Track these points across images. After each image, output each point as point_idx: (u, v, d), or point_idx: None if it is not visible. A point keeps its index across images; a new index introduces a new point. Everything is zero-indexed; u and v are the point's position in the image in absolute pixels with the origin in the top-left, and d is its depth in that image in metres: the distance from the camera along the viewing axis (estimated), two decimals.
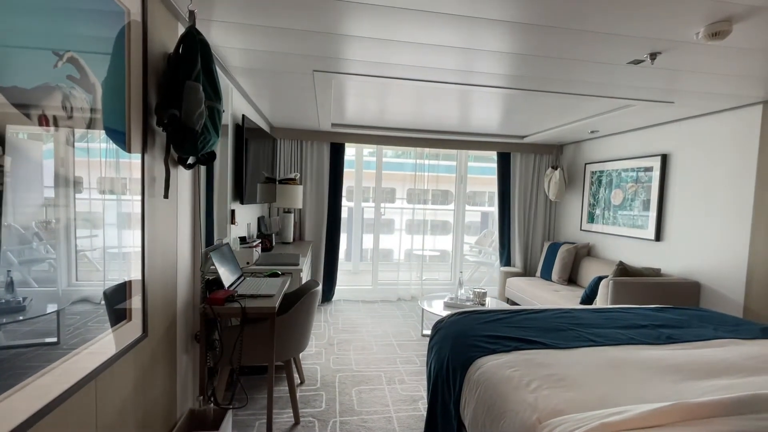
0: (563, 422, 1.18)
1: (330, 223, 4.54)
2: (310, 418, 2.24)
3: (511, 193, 4.79)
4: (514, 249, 4.84)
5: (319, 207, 4.51)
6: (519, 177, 4.79)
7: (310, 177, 4.47)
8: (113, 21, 1.19)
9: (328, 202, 4.52)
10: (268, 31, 1.86)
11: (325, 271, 4.56)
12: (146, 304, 1.45)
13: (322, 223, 4.51)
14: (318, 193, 4.50)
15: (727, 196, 2.92)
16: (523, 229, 4.85)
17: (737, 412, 1.19)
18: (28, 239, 0.88)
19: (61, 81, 0.94)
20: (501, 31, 1.76)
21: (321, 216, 4.51)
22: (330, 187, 4.51)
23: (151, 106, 1.45)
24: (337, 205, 4.56)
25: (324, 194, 4.50)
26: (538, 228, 4.94)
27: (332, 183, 4.51)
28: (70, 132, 0.99)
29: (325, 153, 4.47)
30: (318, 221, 4.52)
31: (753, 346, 1.83)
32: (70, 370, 1.02)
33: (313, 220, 4.51)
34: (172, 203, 1.68)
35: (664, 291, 3.03)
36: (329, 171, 4.50)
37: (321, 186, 4.49)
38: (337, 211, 4.57)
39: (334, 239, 4.59)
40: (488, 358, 1.66)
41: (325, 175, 4.49)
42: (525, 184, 4.84)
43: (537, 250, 4.95)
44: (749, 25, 1.61)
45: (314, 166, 4.48)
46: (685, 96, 2.66)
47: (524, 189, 4.85)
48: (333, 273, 4.62)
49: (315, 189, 4.49)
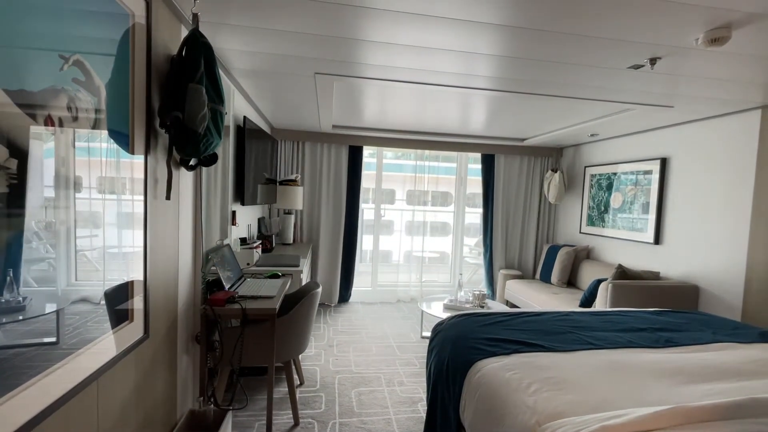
0: (563, 425, 1.18)
1: (347, 225, 4.60)
2: (310, 419, 2.24)
3: (494, 195, 4.81)
4: (497, 250, 4.86)
5: (336, 209, 4.56)
6: (503, 178, 4.82)
7: (326, 179, 4.52)
8: (118, 24, 1.20)
9: (345, 204, 4.57)
10: (271, 34, 1.87)
11: (342, 274, 4.61)
12: (148, 304, 1.45)
13: (339, 225, 4.56)
14: (336, 196, 4.55)
15: (725, 200, 2.94)
16: (506, 230, 4.89)
17: (736, 416, 1.19)
18: (28, 238, 0.89)
19: (67, 84, 0.95)
20: (502, 36, 1.77)
21: (339, 218, 4.56)
22: (348, 189, 4.56)
23: (155, 108, 1.46)
24: (354, 207, 4.61)
25: (342, 196, 4.55)
26: (531, 230, 4.97)
27: (350, 185, 4.57)
28: (74, 133, 1.00)
29: (343, 155, 4.53)
30: (336, 223, 4.56)
31: (751, 350, 1.84)
32: (73, 370, 1.03)
33: (330, 222, 4.55)
34: (173, 204, 1.69)
35: (663, 294, 3.04)
36: (347, 173, 4.55)
37: (339, 188, 4.55)
38: (354, 213, 4.62)
39: (352, 241, 4.64)
40: (488, 360, 1.67)
41: (343, 178, 4.54)
42: (512, 185, 4.88)
43: (529, 252, 4.98)
44: (748, 32, 1.62)
45: (332, 168, 4.53)
46: (685, 100, 2.67)
47: (511, 191, 4.88)
48: (350, 275, 4.68)
49: (333, 191, 4.54)
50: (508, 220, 4.92)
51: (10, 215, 0.81)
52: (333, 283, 4.58)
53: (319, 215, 4.55)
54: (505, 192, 4.88)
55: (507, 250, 4.95)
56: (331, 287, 4.58)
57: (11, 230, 0.82)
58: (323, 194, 4.52)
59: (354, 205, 4.60)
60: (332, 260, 4.57)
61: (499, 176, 4.81)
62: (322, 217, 4.54)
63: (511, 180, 4.89)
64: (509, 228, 4.94)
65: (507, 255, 4.96)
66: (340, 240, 4.58)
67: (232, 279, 2.21)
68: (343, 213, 4.57)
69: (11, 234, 0.82)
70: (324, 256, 4.55)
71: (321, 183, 4.52)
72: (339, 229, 4.57)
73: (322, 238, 4.55)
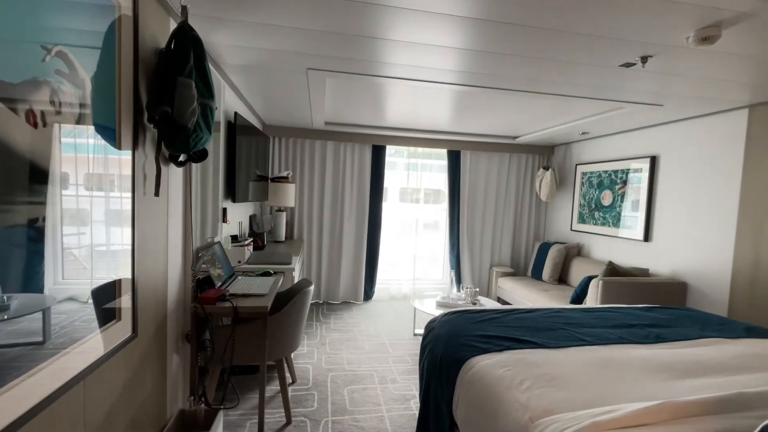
0: (555, 421, 1.19)
1: (371, 224, 4.67)
2: (302, 417, 2.23)
3: (461, 191, 4.83)
4: (463, 249, 4.89)
5: (360, 208, 4.63)
6: (469, 175, 4.84)
7: (350, 178, 4.58)
8: (103, 15, 1.16)
9: (369, 203, 4.63)
10: (262, 28, 1.84)
11: (366, 272, 4.69)
12: (136, 303, 1.42)
13: (363, 225, 4.64)
14: (359, 195, 4.62)
15: (713, 197, 2.98)
16: (472, 228, 4.93)
17: (723, 410, 1.21)
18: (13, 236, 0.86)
19: (50, 76, 0.92)
20: (494, 33, 1.77)
21: (362, 217, 4.64)
22: (371, 188, 4.63)
23: (142, 103, 1.43)
24: (377, 206, 4.67)
25: (365, 196, 4.62)
26: (523, 227, 5.02)
27: (373, 184, 4.64)
28: (58, 127, 0.97)
29: (367, 155, 4.59)
30: (359, 222, 4.64)
31: (738, 345, 1.87)
32: (58, 371, 1.00)
33: (353, 221, 4.63)
34: (162, 201, 1.66)
35: (652, 291, 3.08)
36: (371, 173, 4.61)
37: (363, 187, 4.61)
38: (377, 212, 4.68)
39: (375, 240, 4.70)
40: (481, 357, 1.67)
41: (366, 177, 4.61)
42: (502, 183, 4.91)
43: (521, 250, 5.03)
44: (737, 31, 1.64)
45: (355, 167, 4.59)
46: (675, 99, 2.70)
47: (500, 188, 4.91)
48: (374, 272, 4.75)
49: (357, 190, 4.61)
50: (496, 217, 4.94)
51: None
52: (358, 281, 4.70)
53: (311, 213, 4.53)
54: (496, 189, 4.90)
55: (499, 247, 4.98)
56: (356, 285, 4.70)
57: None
58: (364, 195, 4.63)
59: (377, 205, 4.68)
60: (357, 258, 4.67)
61: (465, 173, 4.83)
62: (314, 214, 4.53)
63: (500, 177, 4.91)
64: (505, 226, 4.96)
65: (501, 252, 4.98)
66: (342, 239, 4.57)
67: (223, 277, 2.18)
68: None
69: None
70: (347, 255, 4.64)
71: (363, 184, 4.61)
72: (339, 229, 4.61)
73: (345, 236, 4.62)
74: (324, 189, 4.54)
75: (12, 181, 0.83)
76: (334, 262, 4.62)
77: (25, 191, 0.87)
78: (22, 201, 0.86)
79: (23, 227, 0.87)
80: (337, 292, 4.65)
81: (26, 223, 0.88)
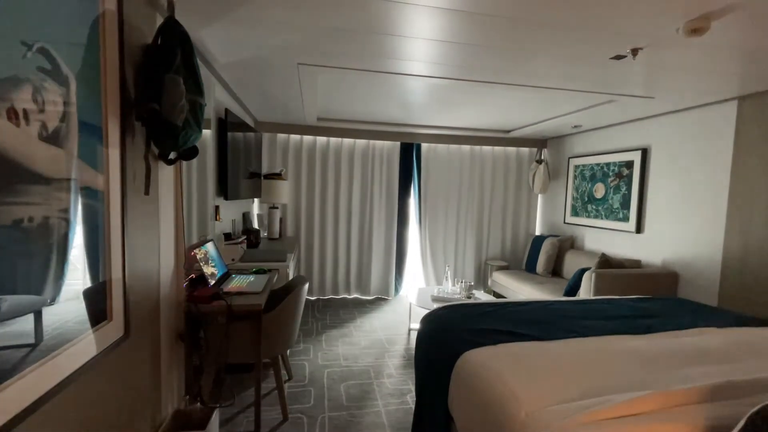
0: (549, 413, 1.20)
1: (400, 221, 4.74)
2: (299, 414, 2.23)
3: (419, 182, 4.81)
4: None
5: (389, 206, 4.68)
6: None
7: (378, 176, 4.62)
8: (86, 10, 1.14)
9: (398, 201, 4.69)
10: (251, 23, 1.82)
11: (396, 268, 4.80)
12: (128, 303, 1.41)
13: (392, 221, 4.71)
14: (389, 193, 4.67)
15: (703, 189, 3.01)
16: (495, 221, 4.98)
17: (713, 398, 1.23)
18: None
19: (32, 73, 0.90)
20: (482, 25, 1.76)
21: (391, 214, 4.70)
22: (400, 185, 4.69)
23: (130, 100, 1.40)
24: (405, 204, 4.75)
25: (394, 193, 4.67)
26: (518, 221, 5.04)
27: (402, 182, 4.70)
28: (42, 126, 0.95)
29: (395, 152, 4.63)
30: (389, 219, 4.70)
31: (728, 334, 1.90)
32: (50, 372, 0.99)
33: (383, 218, 4.69)
34: (153, 199, 1.64)
35: (645, 282, 3.12)
36: (399, 170, 4.66)
37: (391, 185, 4.66)
38: (405, 209, 4.76)
39: (403, 236, 4.78)
40: (475, 351, 1.68)
41: (395, 174, 4.65)
42: (498, 176, 4.93)
43: (517, 243, 5.05)
44: (726, 23, 1.65)
45: (384, 165, 4.62)
46: (665, 91, 2.72)
47: (496, 181, 4.93)
48: (402, 268, 4.86)
49: (386, 188, 4.65)
50: (492, 211, 4.96)
51: None
52: (388, 276, 4.78)
53: (307, 209, 4.51)
54: (491, 182, 4.91)
55: (493, 240, 5.01)
56: (387, 280, 4.77)
57: None
58: (393, 193, 4.67)
59: (405, 203, 4.75)
60: (386, 255, 4.74)
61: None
62: (309, 211, 4.51)
63: (495, 171, 4.92)
64: (499, 219, 4.99)
65: (495, 245, 5.02)
66: (353, 234, 4.56)
67: (216, 275, 2.17)
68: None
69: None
70: (377, 251, 4.71)
71: (392, 181, 4.65)
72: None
73: (375, 234, 4.66)
74: (320, 185, 4.51)
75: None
76: (329, 257, 4.61)
77: (10, 192, 0.85)
78: (9, 201, 0.84)
79: (9, 228, 0.85)
80: (335, 287, 4.66)
81: (11, 224, 0.86)
